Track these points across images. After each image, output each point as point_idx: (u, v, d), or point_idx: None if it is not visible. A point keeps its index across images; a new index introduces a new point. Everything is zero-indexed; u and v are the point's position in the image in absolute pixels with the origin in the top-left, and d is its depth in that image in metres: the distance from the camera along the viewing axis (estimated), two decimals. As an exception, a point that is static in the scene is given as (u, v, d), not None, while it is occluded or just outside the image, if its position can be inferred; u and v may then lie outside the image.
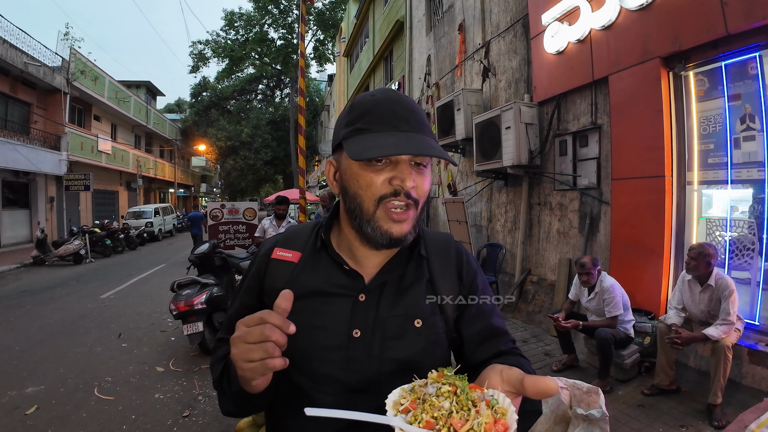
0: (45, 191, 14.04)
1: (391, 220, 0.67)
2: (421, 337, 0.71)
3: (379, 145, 0.63)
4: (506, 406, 0.47)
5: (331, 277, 0.73)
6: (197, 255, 4.69)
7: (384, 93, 0.70)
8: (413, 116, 0.68)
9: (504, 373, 0.52)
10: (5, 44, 11.53)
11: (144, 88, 25.58)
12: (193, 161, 35.39)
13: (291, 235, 0.81)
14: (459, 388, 0.49)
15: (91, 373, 3.67)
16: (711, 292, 2.78)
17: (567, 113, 4.64)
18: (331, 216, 0.79)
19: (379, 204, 0.66)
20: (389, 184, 0.66)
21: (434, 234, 0.82)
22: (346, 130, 0.68)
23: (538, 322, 4.76)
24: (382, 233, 0.67)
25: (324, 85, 31.06)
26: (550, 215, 4.93)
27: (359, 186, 0.67)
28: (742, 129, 3.15)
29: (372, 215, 0.67)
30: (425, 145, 0.65)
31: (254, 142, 25.87)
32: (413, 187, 0.66)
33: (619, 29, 3.79)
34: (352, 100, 0.72)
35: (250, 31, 24.36)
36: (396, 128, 0.66)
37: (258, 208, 8.34)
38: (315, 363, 0.69)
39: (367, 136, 0.65)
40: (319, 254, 0.76)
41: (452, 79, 7.50)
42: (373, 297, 0.72)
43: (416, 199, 0.68)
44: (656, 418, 2.68)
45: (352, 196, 0.69)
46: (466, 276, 0.80)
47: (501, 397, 0.49)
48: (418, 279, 0.75)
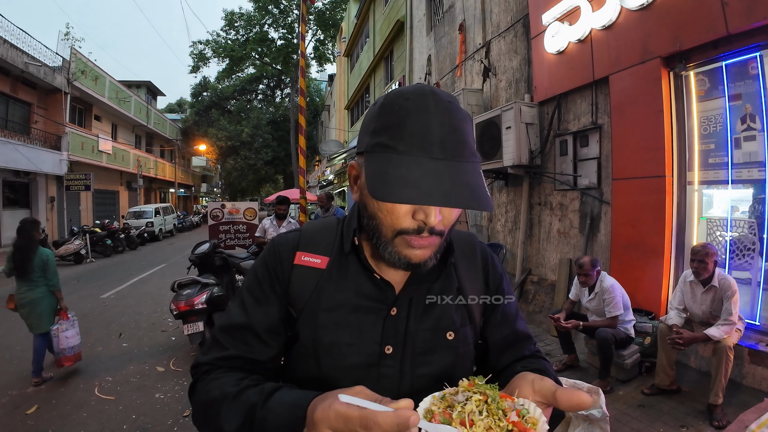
0: (45, 191, 14.04)
1: (411, 247, 0.59)
2: (452, 350, 0.68)
3: (401, 180, 0.53)
4: (537, 416, 0.47)
5: (362, 287, 0.67)
6: (197, 255, 4.69)
7: (418, 99, 0.57)
8: (453, 135, 0.56)
9: (536, 384, 0.51)
10: (6, 44, 11.54)
11: (144, 88, 25.60)
12: (193, 161, 35.44)
13: (312, 236, 0.72)
14: (490, 397, 0.48)
15: (92, 373, 3.67)
16: (714, 292, 2.77)
17: (567, 113, 4.64)
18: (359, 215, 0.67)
19: (397, 235, 0.59)
20: (412, 218, 0.58)
21: (458, 235, 0.76)
22: (370, 140, 0.59)
23: (538, 322, 4.76)
24: (400, 258, 0.60)
25: (324, 85, 31.08)
26: (550, 215, 4.93)
27: (378, 209, 0.59)
28: (743, 129, 3.15)
29: (389, 241, 0.60)
30: (459, 184, 0.54)
31: (255, 142, 25.90)
32: (439, 220, 0.58)
33: (620, 29, 3.79)
34: (383, 99, 0.60)
35: (251, 31, 24.36)
36: (425, 152, 0.54)
37: (258, 208, 8.34)
38: (344, 383, 0.57)
39: (391, 159, 0.55)
40: (347, 259, 0.69)
41: (453, 79, 7.50)
42: (403, 309, 0.66)
43: (441, 232, 0.60)
44: (657, 418, 2.68)
45: (370, 214, 0.61)
46: (493, 281, 0.77)
47: (532, 407, 0.48)
48: (447, 288, 0.70)
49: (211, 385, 0.62)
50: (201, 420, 0.62)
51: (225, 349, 0.66)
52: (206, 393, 0.61)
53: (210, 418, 0.59)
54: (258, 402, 0.55)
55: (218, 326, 0.70)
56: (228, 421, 0.56)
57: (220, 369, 0.65)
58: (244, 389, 0.58)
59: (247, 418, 0.54)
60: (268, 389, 0.57)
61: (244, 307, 0.68)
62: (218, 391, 0.59)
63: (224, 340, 0.67)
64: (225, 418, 0.56)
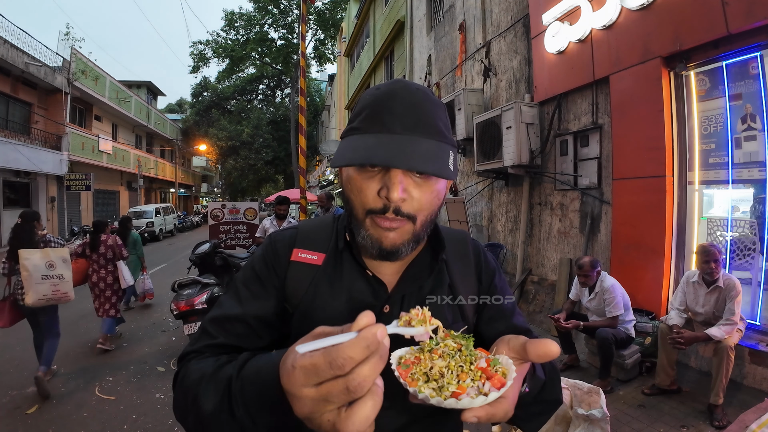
0: (46, 191, 14.05)
1: (379, 228, 0.60)
2: None
3: (355, 148, 0.57)
4: (507, 366, 0.48)
5: (355, 285, 0.67)
6: (198, 255, 4.70)
7: (389, 86, 0.61)
8: (412, 112, 0.58)
9: (511, 342, 0.52)
10: (6, 44, 11.54)
11: (145, 88, 25.63)
12: (193, 161, 35.47)
13: (308, 233, 0.73)
14: (463, 345, 0.49)
15: (92, 373, 3.67)
16: (719, 293, 2.77)
17: (568, 113, 4.64)
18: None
19: (367, 215, 0.61)
20: (378, 196, 0.58)
21: (450, 233, 0.77)
22: (345, 128, 0.64)
23: (538, 322, 4.76)
24: (372, 242, 0.61)
25: (324, 85, 31.08)
26: (550, 215, 4.93)
27: (351, 190, 0.62)
28: (743, 129, 3.14)
29: (362, 222, 0.62)
30: (412, 153, 0.55)
31: (255, 142, 25.89)
32: (404, 200, 0.58)
33: (620, 29, 3.78)
34: (363, 94, 0.65)
35: (251, 31, 24.34)
36: (386, 128, 0.57)
37: (259, 208, 8.33)
38: None
39: (355, 138, 0.59)
40: (342, 256, 0.69)
41: (453, 79, 7.50)
42: (395, 307, 0.67)
43: (409, 215, 0.59)
44: (657, 418, 2.68)
45: (346, 199, 0.64)
46: (485, 277, 0.77)
47: (504, 359, 0.49)
48: (439, 285, 0.70)
49: (191, 369, 0.59)
50: (182, 407, 0.57)
51: (214, 338, 0.64)
52: (186, 377, 0.58)
53: (190, 403, 0.54)
54: (233, 374, 0.50)
55: (209, 317, 0.67)
56: (206, 400, 0.51)
57: (204, 355, 0.62)
58: (222, 365, 0.55)
59: (225, 393, 0.50)
60: (242, 359, 0.52)
61: (239, 300, 0.67)
62: (198, 374, 0.56)
63: (214, 330, 0.65)
64: (203, 398, 0.52)
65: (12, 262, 3.30)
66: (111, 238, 4.47)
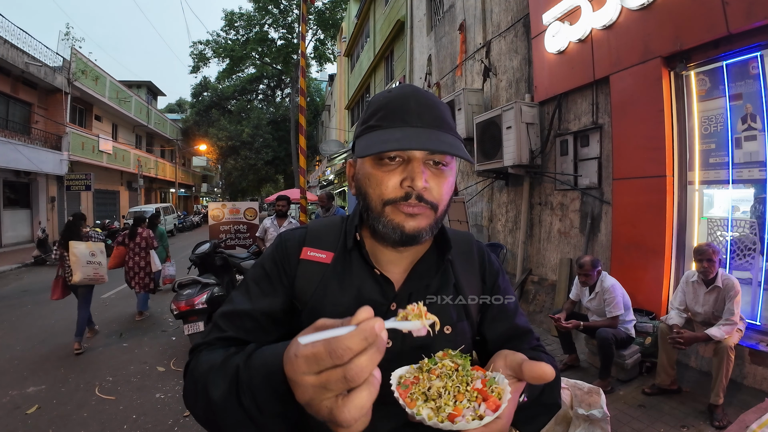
0: (46, 191, 14.05)
1: (401, 213, 0.62)
2: (450, 344, 0.67)
3: (384, 140, 0.60)
4: (503, 386, 0.49)
5: (364, 283, 0.69)
6: (198, 255, 4.70)
7: (401, 88, 0.67)
8: (429, 111, 0.64)
9: (508, 358, 0.53)
10: (6, 44, 11.54)
11: (145, 88, 25.62)
12: (194, 161, 35.45)
13: (318, 232, 0.76)
14: (460, 365, 0.50)
15: (92, 373, 3.67)
16: (717, 292, 2.77)
17: (568, 113, 4.64)
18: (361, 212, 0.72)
19: (385, 206, 0.63)
20: (400, 186, 0.62)
21: (455, 234, 0.79)
22: (360, 128, 0.67)
23: (539, 322, 4.76)
24: (393, 227, 0.63)
25: (325, 85, 31.07)
26: (551, 215, 4.92)
27: (369, 184, 0.65)
28: (744, 129, 3.14)
29: (381, 212, 0.64)
30: (437, 140, 0.60)
31: (255, 141, 25.88)
32: (426, 188, 0.61)
33: (620, 29, 3.78)
34: (372, 98, 0.70)
35: (251, 31, 24.35)
36: (407, 123, 0.62)
37: (259, 208, 8.33)
38: None
39: (376, 133, 0.63)
40: (350, 255, 0.72)
41: (453, 79, 7.50)
42: (402, 305, 0.67)
43: (431, 203, 0.63)
44: (657, 418, 2.68)
45: (363, 195, 0.67)
46: (489, 277, 0.79)
47: (500, 378, 0.50)
48: (445, 284, 0.73)
49: (201, 359, 0.62)
50: (192, 395, 0.60)
51: (224, 332, 0.67)
52: (197, 368, 0.61)
53: (199, 391, 0.57)
54: (240, 363, 0.53)
55: (220, 312, 0.70)
56: (215, 388, 0.54)
57: (214, 347, 0.65)
58: (231, 355, 0.57)
59: (233, 381, 0.52)
60: (249, 350, 0.54)
61: (249, 296, 0.70)
62: (207, 364, 0.59)
63: (224, 324, 0.67)
64: (212, 386, 0.54)
65: (63, 249, 4.30)
66: (145, 230, 5.37)
